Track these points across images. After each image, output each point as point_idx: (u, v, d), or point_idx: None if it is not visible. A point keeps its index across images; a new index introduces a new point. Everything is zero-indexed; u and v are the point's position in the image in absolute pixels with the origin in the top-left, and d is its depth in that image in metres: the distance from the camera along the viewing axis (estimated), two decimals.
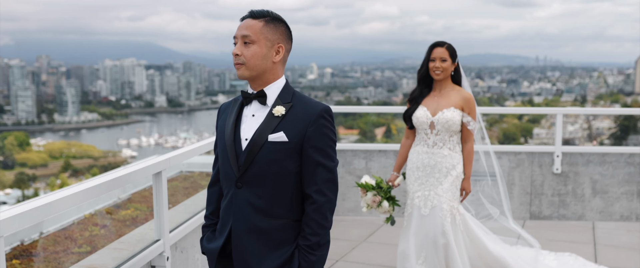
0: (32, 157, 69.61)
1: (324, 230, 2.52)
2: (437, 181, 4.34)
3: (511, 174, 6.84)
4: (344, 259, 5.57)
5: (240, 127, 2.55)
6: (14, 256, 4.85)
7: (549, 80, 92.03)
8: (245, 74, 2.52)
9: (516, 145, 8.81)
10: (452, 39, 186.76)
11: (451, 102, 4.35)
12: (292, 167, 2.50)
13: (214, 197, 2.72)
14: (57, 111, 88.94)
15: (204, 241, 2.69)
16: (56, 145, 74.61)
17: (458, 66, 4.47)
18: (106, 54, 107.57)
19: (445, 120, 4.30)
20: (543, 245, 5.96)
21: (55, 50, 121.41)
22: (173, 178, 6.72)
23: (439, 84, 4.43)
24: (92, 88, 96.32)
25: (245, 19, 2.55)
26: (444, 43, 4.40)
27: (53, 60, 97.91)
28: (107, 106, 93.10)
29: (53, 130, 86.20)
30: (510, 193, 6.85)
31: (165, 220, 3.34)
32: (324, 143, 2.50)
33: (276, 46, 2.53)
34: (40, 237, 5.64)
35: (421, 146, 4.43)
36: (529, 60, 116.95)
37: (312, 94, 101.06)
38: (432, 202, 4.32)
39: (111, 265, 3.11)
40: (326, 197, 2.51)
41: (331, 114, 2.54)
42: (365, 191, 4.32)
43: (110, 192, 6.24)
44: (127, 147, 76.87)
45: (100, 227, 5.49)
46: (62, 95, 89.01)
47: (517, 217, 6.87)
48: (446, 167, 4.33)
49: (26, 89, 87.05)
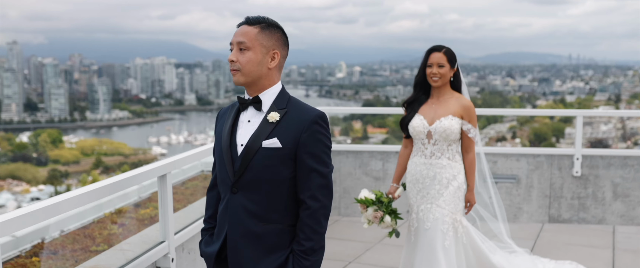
0: (64, 154, 70.77)
1: (318, 235, 2.54)
2: (438, 193, 4.13)
3: (530, 177, 6.77)
4: (357, 261, 5.57)
5: (237, 132, 2.58)
6: (34, 253, 4.95)
7: (582, 79, 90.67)
8: (241, 79, 2.54)
9: (541, 147, 8.71)
10: (482, 37, 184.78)
11: (449, 109, 4.13)
12: (286, 173, 2.52)
13: (212, 201, 2.76)
14: (89, 109, 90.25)
15: (202, 244, 2.73)
16: (88, 143, 75.75)
17: (457, 72, 4.24)
18: (137, 53, 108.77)
19: (443, 129, 4.09)
20: (561, 250, 5.90)
21: (88, 49, 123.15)
22: (194, 178, 6.78)
23: (437, 90, 4.20)
24: (123, 86, 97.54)
25: (242, 25, 2.57)
26: (442, 47, 4.17)
27: (85, 59, 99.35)
28: (137, 104, 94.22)
29: (85, 127, 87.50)
30: (529, 196, 6.79)
31: (170, 222, 3.38)
32: (318, 149, 2.51)
33: (271, 52, 2.55)
34: (61, 235, 5.76)
35: (419, 157, 4.22)
36: (562, 58, 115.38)
37: (340, 93, 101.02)
38: (433, 215, 4.11)
39: (116, 265, 3.16)
40: (320, 203, 2.52)
41: (326, 119, 2.55)
42: (366, 207, 4.09)
43: (131, 191, 6.35)
44: (157, 144, 77.72)
45: (119, 226, 5.57)
46: (93, 93, 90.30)
47: (536, 220, 6.80)
48: (446, 177, 4.12)
49: (59, 87, 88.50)
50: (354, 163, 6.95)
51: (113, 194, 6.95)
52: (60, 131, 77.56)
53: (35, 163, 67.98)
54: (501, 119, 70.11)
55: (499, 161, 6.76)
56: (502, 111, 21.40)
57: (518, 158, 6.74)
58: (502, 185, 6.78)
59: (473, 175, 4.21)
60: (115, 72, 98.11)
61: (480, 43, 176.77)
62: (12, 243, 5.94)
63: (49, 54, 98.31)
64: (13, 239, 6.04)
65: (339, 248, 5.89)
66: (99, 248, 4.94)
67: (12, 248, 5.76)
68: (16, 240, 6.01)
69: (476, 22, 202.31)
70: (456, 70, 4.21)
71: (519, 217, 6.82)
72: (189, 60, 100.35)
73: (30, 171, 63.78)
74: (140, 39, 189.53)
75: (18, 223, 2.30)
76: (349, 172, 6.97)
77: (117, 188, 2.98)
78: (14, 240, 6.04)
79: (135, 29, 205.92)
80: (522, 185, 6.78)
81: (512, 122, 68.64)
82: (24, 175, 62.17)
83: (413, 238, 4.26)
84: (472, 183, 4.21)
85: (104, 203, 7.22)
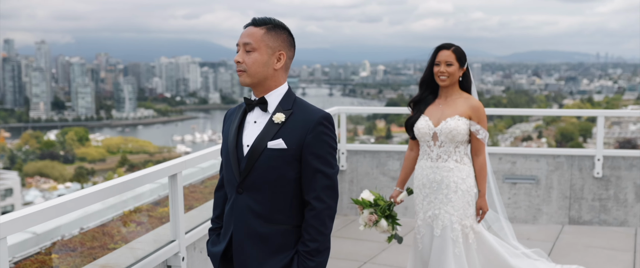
0: (90, 152, 71.64)
1: (323, 236, 2.53)
2: (446, 198, 3.91)
3: (550, 178, 6.69)
4: (372, 261, 5.56)
5: (243, 133, 2.59)
6: (53, 250, 5.02)
7: (610, 78, 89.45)
8: (247, 80, 2.55)
9: (567, 147, 8.60)
10: (508, 35, 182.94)
11: (457, 110, 3.92)
12: (291, 174, 2.52)
13: (219, 201, 2.77)
14: (115, 107, 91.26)
15: (208, 244, 2.74)
16: (113, 141, 76.58)
17: (467, 71, 4.01)
18: (162, 52, 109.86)
19: (449, 130, 3.87)
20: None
21: (114, 48, 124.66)
22: (213, 176, 6.81)
23: (444, 90, 3.99)
24: (148, 85, 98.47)
25: (248, 26, 2.57)
26: (450, 45, 3.95)
27: (111, 58, 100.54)
28: (162, 103, 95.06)
29: (111, 125, 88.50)
30: (548, 198, 6.71)
31: (180, 221, 3.40)
32: (323, 150, 2.51)
33: (277, 53, 2.55)
34: (80, 232, 5.83)
35: (425, 160, 4.00)
36: (589, 57, 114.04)
37: (364, 91, 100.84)
38: (442, 221, 3.90)
39: (127, 263, 3.19)
40: (325, 204, 2.52)
41: (331, 120, 2.55)
42: (362, 208, 3.89)
43: (151, 190, 6.40)
44: (182, 143, 78.32)
45: (137, 224, 5.62)
46: (119, 92, 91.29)
47: (556, 221, 6.72)
48: (454, 181, 3.89)
49: (86, 85, 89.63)
50: (371, 163, 6.93)
51: (127, 193, 7.03)
52: (86, 129, 78.57)
53: (62, 161, 68.90)
54: (527, 119, 69.46)
55: (518, 161, 6.69)
56: (518, 111, 21.19)
57: (537, 159, 6.67)
58: (521, 186, 6.72)
59: (484, 179, 3.97)
60: (141, 71, 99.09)
61: (505, 41, 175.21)
62: (32, 240, 6.03)
63: (76, 53, 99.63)
64: (33, 236, 6.13)
65: (355, 248, 5.88)
66: (117, 246, 5.00)
67: (32, 245, 5.85)
68: (36, 237, 6.10)
69: (501, 20, 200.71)
70: (466, 69, 4.00)
71: (539, 218, 6.74)
72: (213, 59, 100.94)
73: (58, 168, 64.67)
74: (165, 38, 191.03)
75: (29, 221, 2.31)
76: (366, 172, 6.96)
77: (127, 187, 3.01)
78: (34, 237, 6.12)
79: (160, 28, 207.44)
80: (542, 186, 6.71)
81: (538, 121, 67.99)
82: (52, 172, 63.07)
83: (420, 246, 4.04)
84: (484, 189, 3.96)
85: (124, 202, 7.30)
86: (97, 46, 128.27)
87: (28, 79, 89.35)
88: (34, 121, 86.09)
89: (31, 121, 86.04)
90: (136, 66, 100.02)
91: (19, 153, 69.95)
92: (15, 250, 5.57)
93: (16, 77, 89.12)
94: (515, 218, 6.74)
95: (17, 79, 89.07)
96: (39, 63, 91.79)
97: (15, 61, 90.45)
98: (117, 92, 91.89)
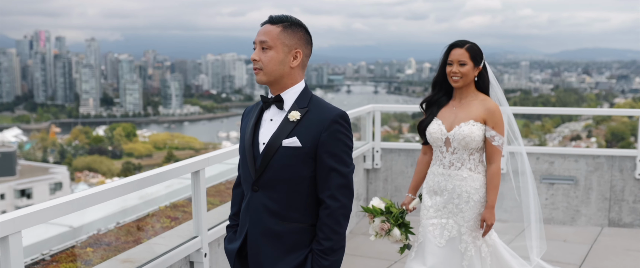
0: (138, 148, 73.02)
1: (337, 235, 2.51)
2: (457, 208, 3.61)
3: (588, 178, 6.53)
4: (402, 260, 5.51)
5: (259, 131, 2.59)
6: (88, 244, 5.13)
7: None
8: (263, 79, 2.55)
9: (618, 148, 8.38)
10: (557, 32, 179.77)
11: (471, 114, 3.61)
12: (306, 172, 2.51)
13: (237, 198, 2.77)
14: (162, 104, 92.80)
15: (225, 241, 2.76)
16: (160, 137, 77.91)
17: (484, 71, 3.68)
18: (208, 49, 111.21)
19: (462, 136, 3.57)
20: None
21: (161, 45, 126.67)
22: None
23: (459, 92, 3.68)
24: (195, 82, 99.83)
25: (265, 24, 2.57)
26: (465, 43, 3.63)
27: (159, 55, 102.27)
28: (208, 99, 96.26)
29: (157, 121, 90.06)
30: (587, 199, 6.55)
31: (203, 217, 3.43)
32: (338, 148, 2.49)
33: (294, 51, 2.54)
34: (116, 227, 5.94)
35: (437, 166, 3.71)
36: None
37: (409, 89, 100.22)
38: (450, 232, 3.60)
39: (149, 258, 3.23)
40: (340, 203, 2.50)
41: (347, 119, 2.53)
42: (373, 216, 3.61)
43: (187, 186, 6.47)
44: (227, 139, 79.19)
45: (172, 220, 5.69)
46: (166, 89, 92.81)
47: (594, 223, 6.56)
48: (467, 191, 3.60)
49: (134, 82, 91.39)
50: (405, 161, 6.88)
51: (165, 188, 7.08)
52: (134, 125, 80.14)
53: (110, 156, 70.43)
54: (576, 118, 68.08)
55: (556, 162, 6.55)
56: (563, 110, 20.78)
57: (576, 159, 6.51)
58: (559, 187, 6.57)
59: (495, 190, 3.61)
60: (187, 67, 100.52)
61: (555, 39, 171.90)
62: (69, 233, 6.17)
63: (125, 51, 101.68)
64: (70, 230, 6.27)
65: (384, 247, 5.83)
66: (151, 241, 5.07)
67: (69, 238, 5.98)
68: (73, 231, 6.24)
69: (551, 18, 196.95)
70: (482, 68, 3.66)
71: (577, 220, 6.59)
72: None
73: (106, 163, 66.11)
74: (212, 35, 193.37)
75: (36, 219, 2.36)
76: (401, 171, 6.90)
77: (149, 182, 3.04)
78: (71, 230, 6.26)
79: (207, 25, 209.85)
80: (580, 187, 6.55)
81: (587, 120, 66.53)
82: (100, 167, 64.50)
83: (415, 254, 3.70)
84: (493, 200, 3.60)
85: (160, 197, 7.41)
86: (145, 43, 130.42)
87: (78, 75, 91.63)
88: (83, 117, 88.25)
89: (81, 117, 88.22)
90: (183, 63, 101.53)
91: (69, 148, 71.76)
92: (52, 244, 5.71)
93: (67, 74, 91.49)
94: (553, 220, 6.60)
95: (67, 75, 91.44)
96: (88, 60, 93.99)
97: (66, 58, 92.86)
98: (164, 88, 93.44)
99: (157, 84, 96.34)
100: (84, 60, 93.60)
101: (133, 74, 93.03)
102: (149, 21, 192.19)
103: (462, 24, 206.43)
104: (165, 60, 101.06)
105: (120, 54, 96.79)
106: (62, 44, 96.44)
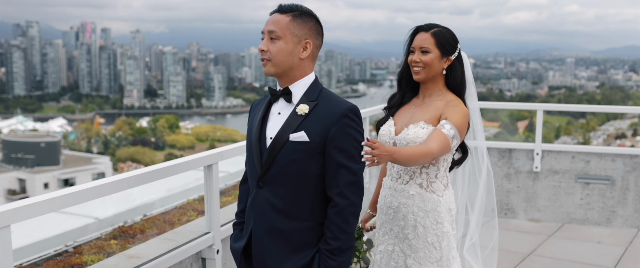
0: (180, 139, 73.84)
1: (346, 234, 2.40)
2: (402, 233, 2.85)
3: (626, 178, 6.26)
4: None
5: (267, 125, 2.48)
6: (113, 236, 5.12)
7: None
8: (271, 70, 2.44)
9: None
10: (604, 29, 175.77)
11: (427, 114, 2.82)
12: (314, 168, 2.39)
13: (244, 195, 2.67)
14: (205, 96, 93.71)
15: (232, 239, 2.66)
16: (203, 129, 78.62)
17: (457, 64, 2.88)
18: (251, 42, 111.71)
19: (406, 142, 2.79)
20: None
21: (205, 38, 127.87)
22: None
23: (424, 87, 2.91)
24: (238, 74, 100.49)
25: (274, 13, 2.46)
26: (432, 26, 2.88)
27: (202, 48, 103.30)
28: (251, 92, 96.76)
29: (200, 114, 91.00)
30: (624, 199, 6.28)
31: (215, 213, 3.34)
32: (348, 144, 2.37)
33: (303, 42, 2.42)
34: (142, 219, 5.93)
35: (387, 178, 2.96)
36: None
37: None
38: (396, 262, 2.87)
39: (159, 252, 3.16)
40: (348, 201, 2.38)
41: (358, 113, 2.40)
42: None
43: (222, 177, 6.44)
44: None
45: (198, 214, 5.66)
46: (209, 81, 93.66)
47: (631, 225, 6.29)
48: (413, 213, 2.81)
49: (177, 74, 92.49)
50: None
51: (194, 181, 7.03)
52: (177, 117, 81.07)
53: (153, 147, 71.37)
54: (622, 116, 66.47)
55: (592, 161, 6.29)
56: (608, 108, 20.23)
57: (613, 159, 6.25)
58: (595, 187, 6.32)
59: (414, 154, 2.55)
60: (231, 60, 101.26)
61: (601, 36, 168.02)
62: (94, 225, 6.18)
63: (169, 43, 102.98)
64: (95, 221, 6.28)
65: None
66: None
67: (94, 230, 5.99)
68: (98, 223, 6.25)
69: (598, 14, 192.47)
70: (453, 61, 2.87)
71: (613, 221, 6.33)
72: None
73: (149, 154, 67.00)
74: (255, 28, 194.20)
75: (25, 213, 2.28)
76: None
77: (160, 175, 2.96)
78: (97, 222, 6.28)
79: (250, 18, 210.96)
80: (617, 187, 6.29)
81: (633, 118, 64.90)
82: (143, 158, 65.39)
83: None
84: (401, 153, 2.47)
85: (190, 190, 7.40)
86: (190, 36, 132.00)
87: (123, 67, 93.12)
88: (127, 108, 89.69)
89: (125, 108, 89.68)
90: (226, 56, 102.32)
91: (113, 139, 72.95)
92: (75, 235, 5.73)
93: (112, 65, 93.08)
94: (587, 220, 6.36)
95: (112, 66, 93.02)
96: (133, 51, 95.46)
97: (111, 49, 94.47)
98: (208, 81, 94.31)
99: (200, 76, 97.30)
100: (128, 52, 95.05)
101: (177, 66, 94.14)
102: (194, 14, 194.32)
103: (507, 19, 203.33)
104: (209, 53, 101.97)
105: (164, 46, 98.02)
106: (108, 36, 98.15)
